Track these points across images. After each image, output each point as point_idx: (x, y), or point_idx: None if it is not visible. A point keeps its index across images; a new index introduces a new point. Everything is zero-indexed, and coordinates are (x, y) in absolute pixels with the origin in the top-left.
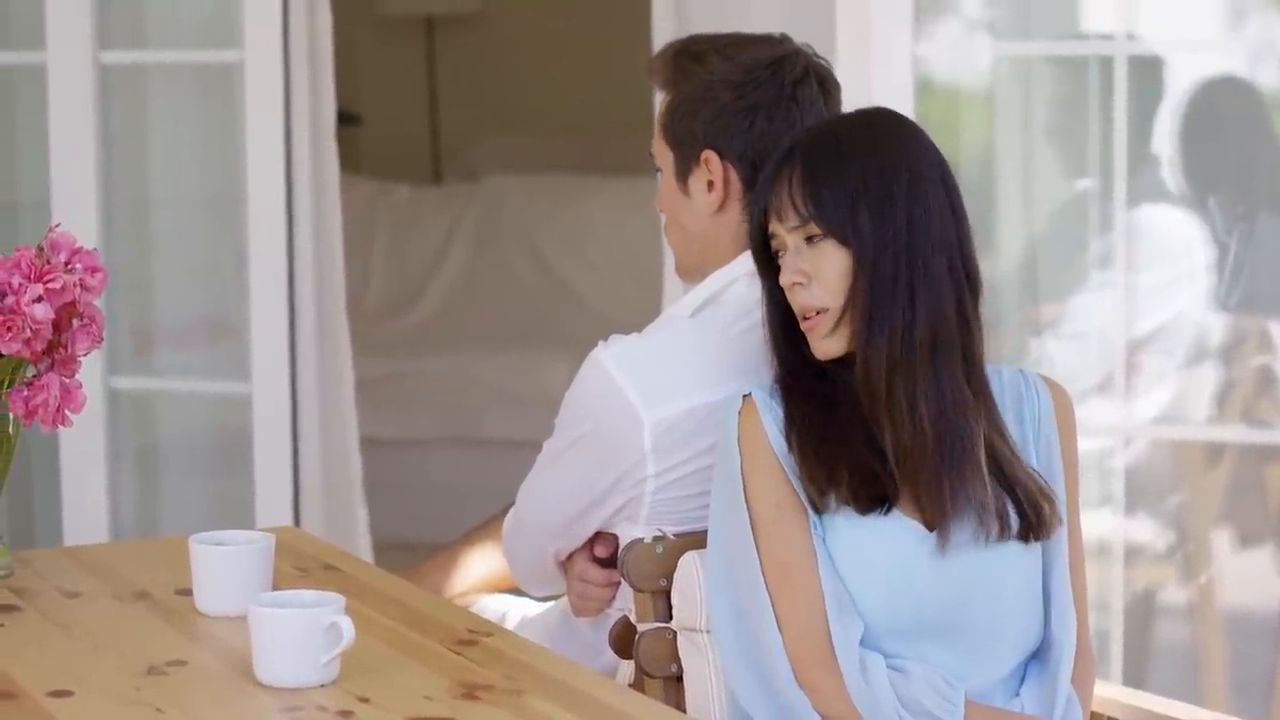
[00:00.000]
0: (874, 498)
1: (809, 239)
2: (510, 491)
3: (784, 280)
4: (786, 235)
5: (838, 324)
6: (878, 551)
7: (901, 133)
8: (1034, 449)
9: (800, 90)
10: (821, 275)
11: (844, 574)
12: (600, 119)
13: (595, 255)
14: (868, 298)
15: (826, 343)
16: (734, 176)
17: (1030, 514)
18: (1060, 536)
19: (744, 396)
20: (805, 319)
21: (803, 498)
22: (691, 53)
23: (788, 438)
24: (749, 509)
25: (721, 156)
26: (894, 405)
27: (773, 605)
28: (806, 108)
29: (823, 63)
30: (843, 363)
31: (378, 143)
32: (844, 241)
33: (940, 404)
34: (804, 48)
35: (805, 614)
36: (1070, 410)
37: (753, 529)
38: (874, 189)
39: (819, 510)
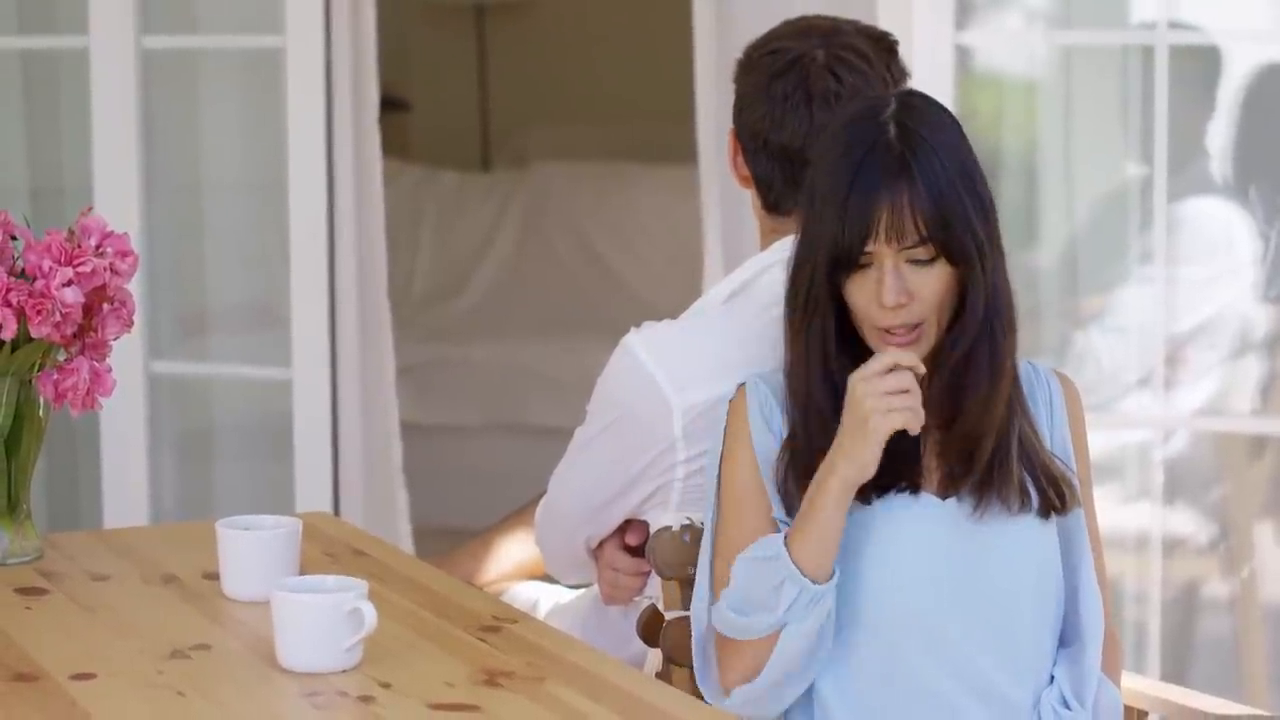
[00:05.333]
0: (880, 483)
1: (918, 260)
2: None
3: (888, 301)
4: (891, 255)
5: (922, 334)
6: (894, 528)
7: (958, 124)
8: (1049, 437)
9: (775, 85)
10: (923, 292)
11: (851, 567)
12: (648, 107)
13: (642, 243)
14: (977, 308)
15: (916, 351)
16: (740, 160)
17: (1050, 491)
18: (1080, 522)
19: (739, 385)
20: (893, 334)
21: (779, 496)
22: None
23: (790, 450)
24: (719, 495)
25: (735, 136)
26: (992, 396)
27: (711, 584)
28: (779, 102)
29: (840, 69)
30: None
31: (427, 129)
32: (964, 260)
33: (1009, 390)
34: (826, 47)
35: None
36: (1079, 402)
37: (715, 510)
38: (978, 201)
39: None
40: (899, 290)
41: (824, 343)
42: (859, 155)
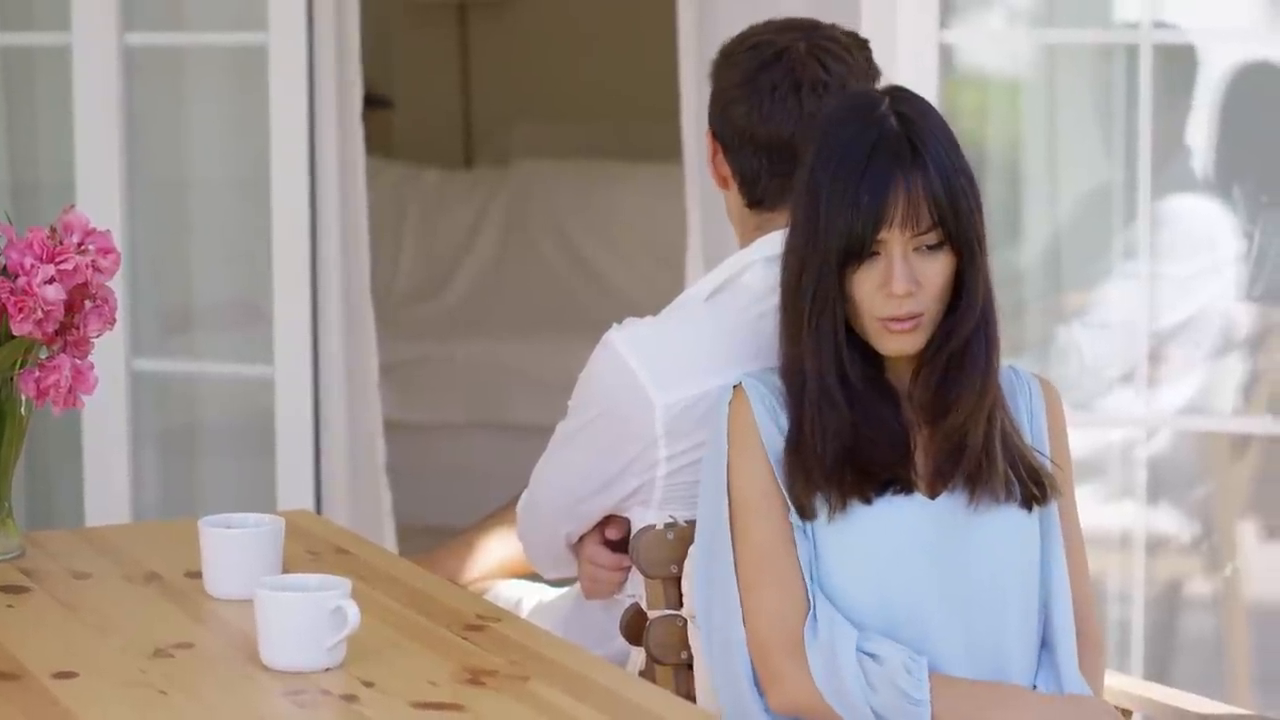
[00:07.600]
0: (882, 483)
1: (927, 246)
2: None
3: (898, 289)
4: (901, 243)
5: (921, 324)
6: (885, 528)
7: (942, 117)
8: (1030, 437)
9: (761, 76)
10: (930, 281)
11: (848, 572)
12: (630, 105)
13: (624, 241)
14: (977, 295)
15: (915, 341)
16: (720, 159)
17: (1030, 483)
18: (1055, 523)
19: (734, 386)
20: (898, 321)
21: (789, 499)
22: None
23: (799, 445)
24: (730, 498)
25: (714, 136)
26: (985, 387)
27: (741, 599)
28: (766, 93)
29: (825, 59)
30: (864, 356)
31: (409, 127)
32: (966, 247)
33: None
34: (808, 39)
35: (779, 602)
36: (1060, 406)
37: (730, 520)
38: (975, 189)
39: (809, 516)
40: (909, 278)
41: (835, 337)
42: (866, 147)
